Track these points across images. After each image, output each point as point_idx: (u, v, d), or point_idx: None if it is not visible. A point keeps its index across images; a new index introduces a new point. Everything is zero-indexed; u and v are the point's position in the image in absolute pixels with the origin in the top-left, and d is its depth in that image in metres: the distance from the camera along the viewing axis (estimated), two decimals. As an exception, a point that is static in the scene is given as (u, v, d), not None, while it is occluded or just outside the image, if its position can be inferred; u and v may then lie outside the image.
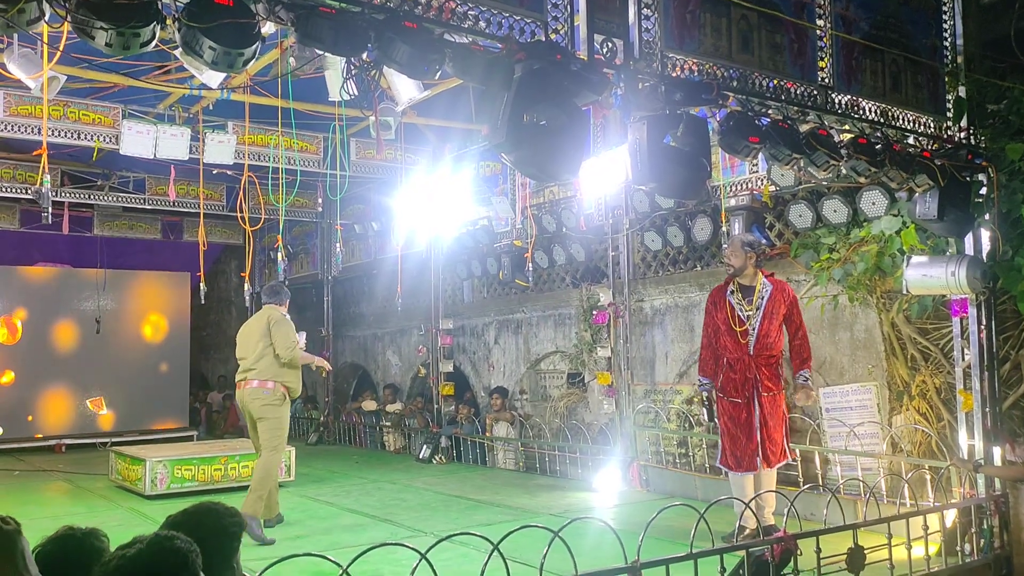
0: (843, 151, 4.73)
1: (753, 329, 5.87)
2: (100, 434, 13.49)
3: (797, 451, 6.37)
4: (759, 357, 5.85)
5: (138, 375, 14.30)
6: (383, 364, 13.37)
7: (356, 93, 4.79)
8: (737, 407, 5.90)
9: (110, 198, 11.84)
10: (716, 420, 6.10)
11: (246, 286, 10.05)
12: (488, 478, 9.19)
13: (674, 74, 4.18)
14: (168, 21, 2.99)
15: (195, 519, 2.34)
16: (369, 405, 12.72)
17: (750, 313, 5.89)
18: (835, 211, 6.75)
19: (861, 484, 5.95)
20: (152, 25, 2.83)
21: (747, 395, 5.87)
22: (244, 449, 8.70)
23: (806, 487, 5.84)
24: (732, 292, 6.01)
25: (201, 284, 9.41)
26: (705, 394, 6.11)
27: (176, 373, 14.74)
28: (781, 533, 4.15)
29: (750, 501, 4.89)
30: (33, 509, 7.75)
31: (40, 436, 13.16)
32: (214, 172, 10.16)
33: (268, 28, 3.52)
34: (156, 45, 3.01)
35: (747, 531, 5.34)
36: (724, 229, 7.63)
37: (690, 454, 7.90)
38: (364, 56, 3.43)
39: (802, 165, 4.66)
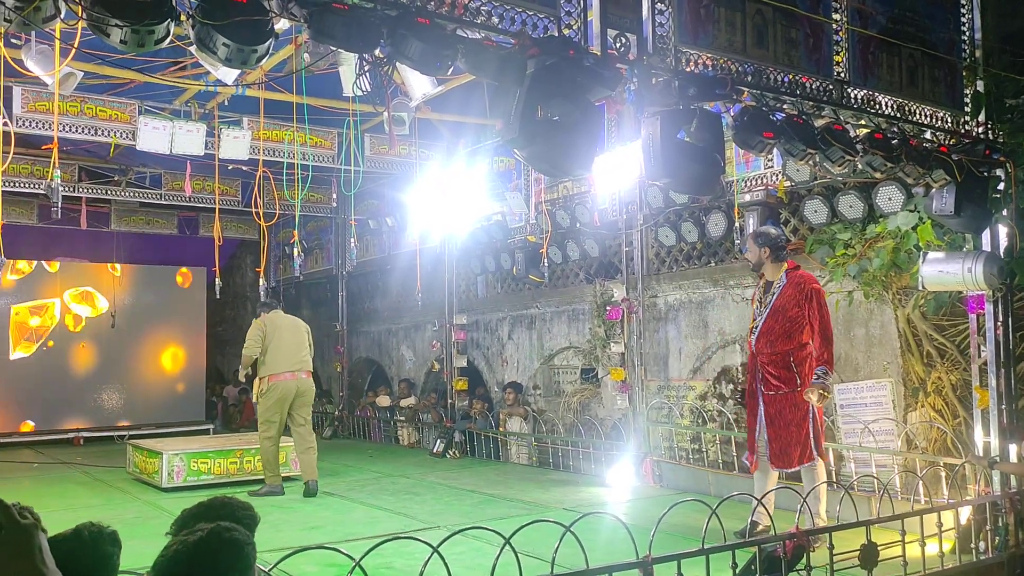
0: (859, 146, 4.70)
1: (757, 328, 5.81)
2: (117, 427, 13.62)
3: (827, 457, 6.17)
4: (761, 354, 5.78)
5: (154, 369, 14.43)
6: (397, 359, 13.41)
7: (369, 89, 4.81)
8: (749, 402, 5.94)
9: (127, 193, 11.95)
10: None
11: (261, 281, 10.10)
12: (501, 473, 9.21)
13: (688, 69, 4.17)
14: (182, 18, 3.01)
15: (210, 512, 2.37)
16: (383, 400, 12.77)
17: (762, 311, 5.82)
18: (851, 207, 6.70)
19: (875, 481, 5.91)
20: (166, 22, 2.85)
21: (752, 391, 5.86)
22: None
23: (819, 483, 5.81)
24: (759, 288, 5.97)
25: (216, 279, 9.48)
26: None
27: (192, 367, 14.85)
28: (794, 529, 4.14)
29: (762, 497, 4.88)
30: (51, 501, 7.83)
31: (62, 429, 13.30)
32: (229, 167, 10.22)
33: (282, 24, 3.54)
34: (171, 42, 3.03)
35: (760, 527, 5.33)
36: (738, 225, 7.60)
37: (703, 450, 7.89)
38: (377, 52, 3.43)
39: (817, 160, 4.64)
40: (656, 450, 8.30)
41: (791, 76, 4.54)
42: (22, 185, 10.74)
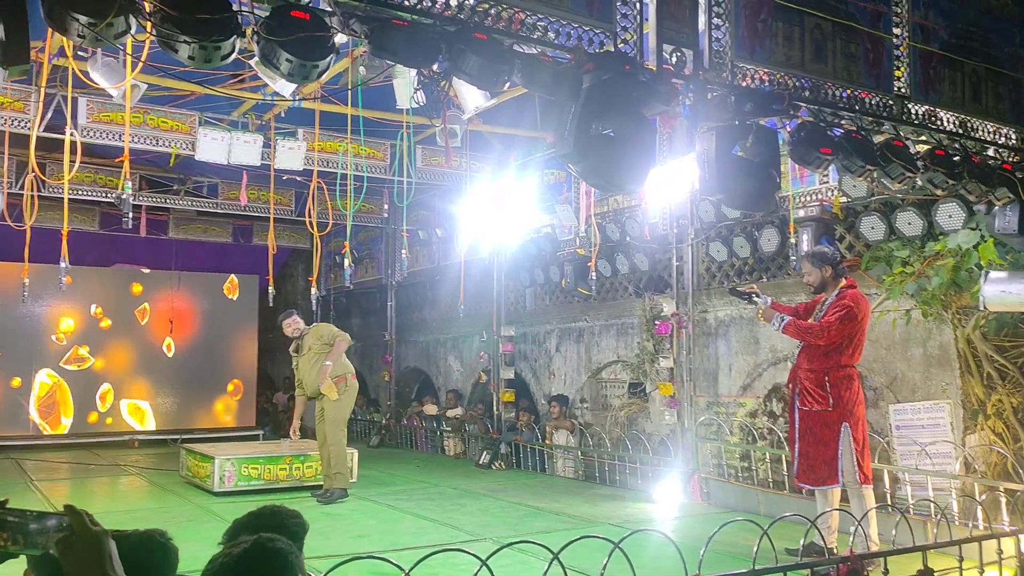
0: (919, 163, 4.61)
1: (801, 344, 5.81)
2: (171, 431, 13.91)
3: (871, 481, 6.04)
4: (800, 369, 5.76)
5: (208, 374, 14.72)
6: (444, 369, 13.47)
7: (424, 102, 4.87)
8: (790, 416, 5.94)
9: (185, 202, 12.25)
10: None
11: (313, 289, 10.25)
12: (547, 486, 9.18)
13: (744, 84, 4.14)
14: (247, 32, 3.09)
15: (259, 520, 2.41)
16: (431, 409, 12.84)
17: None
18: (909, 223, 6.57)
19: (932, 505, 5.76)
20: (232, 38, 2.92)
21: (792, 406, 5.84)
22: (308, 450, 8.88)
23: (875, 506, 5.68)
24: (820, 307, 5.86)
25: (270, 287, 9.64)
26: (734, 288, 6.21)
27: (244, 373, 15.12)
28: (848, 553, 4.05)
29: (815, 519, 4.78)
30: (108, 503, 8.04)
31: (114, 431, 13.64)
32: (284, 178, 10.41)
33: (340, 38, 3.61)
34: (234, 56, 3.11)
35: (819, 548, 5.25)
36: (792, 240, 7.49)
37: (753, 468, 7.77)
38: (434, 67, 3.48)
39: (876, 177, 4.57)
40: (704, 467, 8.20)
41: (850, 91, 4.48)
42: (85, 193, 11.07)
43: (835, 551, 5.19)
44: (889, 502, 6.38)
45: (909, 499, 6.22)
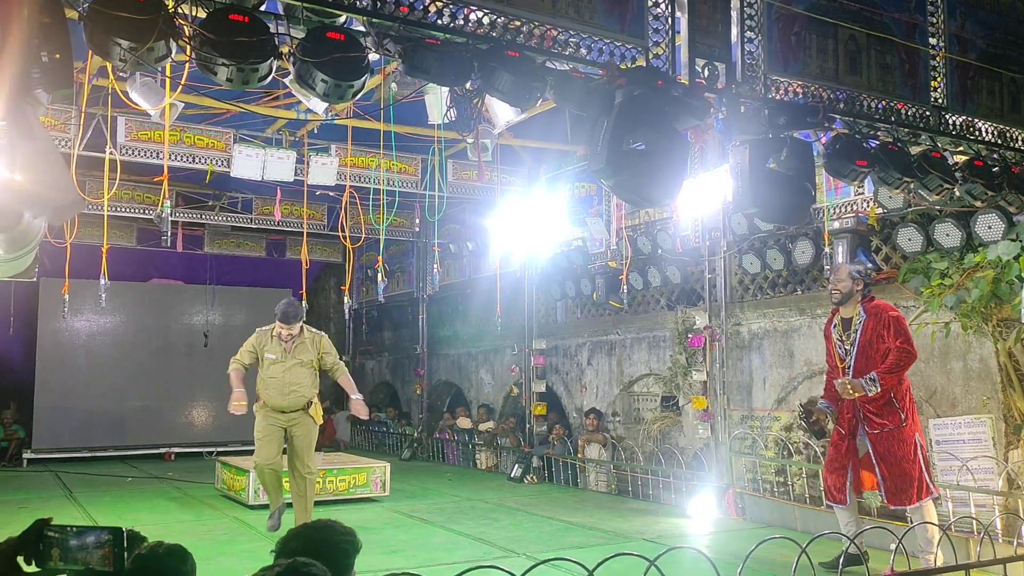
0: (958, 174, 4.55)
1: (849, 367, 5.62)
2: (206, 443, 14.05)
3: (939, 491, 5.95)
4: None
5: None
6: (476, 383, 13.49)
7: (456, 118, 4.90)
8: (840, 436, 5.75)
9: (220, 218, 12.42)
10: (819, 438, 5.92)
11: (346, 300, 10.32)
12: (580, 500, 9.13)
13: (778, 97, 4.11)
14: (283, 51, 3.13)
15: (313, 534, 2.45)
16: (464, 423, 12.85)
17: (848, 348, 5.66)
18: (947, 235, 6.47)
19: (974, 522, 5.65)
20: (269, 61, 2.97)
21: (851, 429, 5.65)
22: (341, 463, 8.92)
23: (916, 524, 5.57)
24: (835, 326, 5.78)
25: (303, 301, 9.73)
26: (812, 411, 5.92)
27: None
28: (888, 572, 3.98)
29: (855, 536, 4.70)
30: (145, 516, 8.13)
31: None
32: (317, 193, 10.53)
33: (373, 57, 3.65)
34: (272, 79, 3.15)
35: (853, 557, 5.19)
36: (827, 252, 7.41)
37: (789, 483, 7.66)
38: (467, 85, 3.50)
39: (912, 188, 4.51)
40: (739, 482, 8.11)
41: (885, 103, 4.43)
42: (123, 210, 11.26)
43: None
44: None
45: (950, 516, 6.09)
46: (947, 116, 4.65)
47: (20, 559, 1.90)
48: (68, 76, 2.69)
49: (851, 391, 5.42)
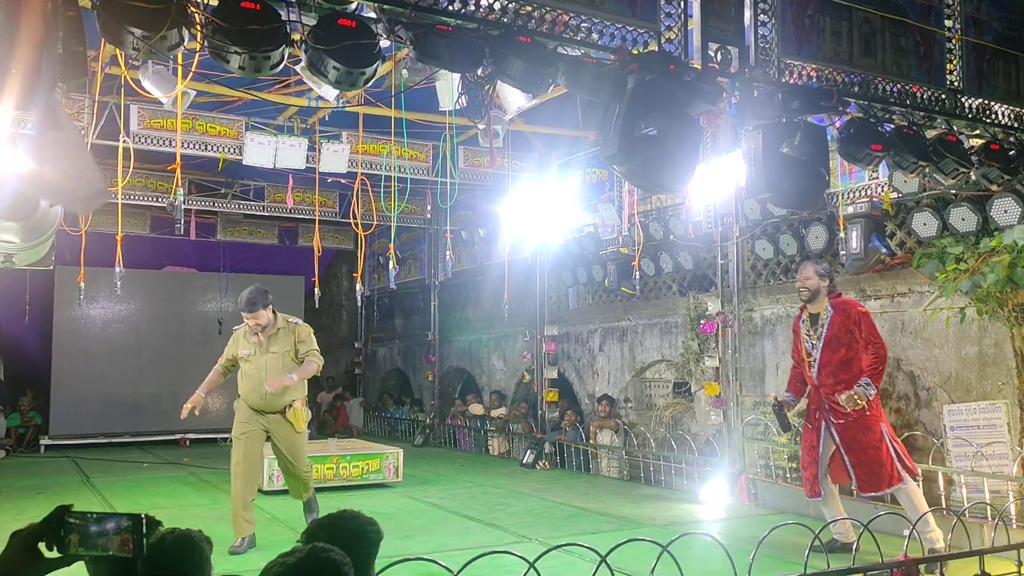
0: (973, 158, 4.51)
1: (815, 360, 5.76)
2: (221, 429, 14.14)
3: (919, 471, 6.03)
4: (825, 386, 5.72)
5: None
6: (488, 369, 13.51)
7: (467, 104, 4.89)
8: (808, 432, 5.93)
9: (232, 206, 12.46)
10: (784, 432, 6.29)
11: (358, 286, 10.33)
12: (592, 485, 9.16)
13: (791, 81, 4.08)
14: (295, 38, 3.13)
15: (338, 523, 2.48)
16: (477, 409, 12.89)
17: (814, 343, 5.79)
18: (963, 219, 6.41)
19: (988, 508, 5.63)
20: (281, 48, 2.97)
21: (816, 424, 5.80)
22: (354, 449, 8.96)
23: (929, 509, 5.57)
24: (804, 321, 5.92)
25: (316, 288, 9.75)
26: (777, 403, 6.04)
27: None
28: (902, 557, 3.98)
29: (828, 522, 4.72)
30: (161, 500, 8.22)
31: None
32: (328, 180, 10.53)
33: (384, 43, 3.64)
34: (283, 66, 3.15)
35: (842, 543, 5.44)
36: (841, 237, 7.37)
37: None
38: (479, 71, 3.49)
39: (928, 172, 4.47)
40: (751, 468, 8.11)
41: (900, 86, 4.39)
42: (136, 197, 11.30)
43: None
44: (944, 505, 6.25)
45: (965, 502, 6.08)
46: (963, 99, 4.60)
47: (42, 545, 1.92)
48: (83, 66, 2.70)
49: (857, 401, 5.49)
